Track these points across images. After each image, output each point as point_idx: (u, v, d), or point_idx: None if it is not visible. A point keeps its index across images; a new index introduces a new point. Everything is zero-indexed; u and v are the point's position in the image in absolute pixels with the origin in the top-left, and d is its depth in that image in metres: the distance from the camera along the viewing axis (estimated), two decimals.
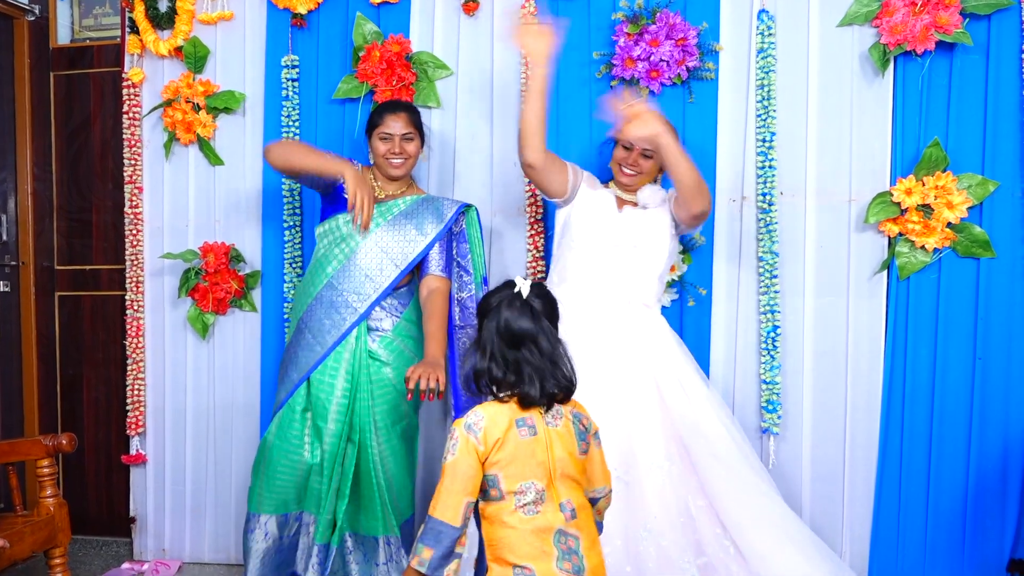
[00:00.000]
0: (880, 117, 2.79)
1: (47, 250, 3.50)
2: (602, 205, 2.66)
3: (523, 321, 1.73)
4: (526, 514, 1.70)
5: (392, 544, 2.71)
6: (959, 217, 2.69)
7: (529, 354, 1.73)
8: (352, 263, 2.68)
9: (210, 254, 3.20)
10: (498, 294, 1.79)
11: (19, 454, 2.69)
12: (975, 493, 2.77)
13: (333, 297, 2.67)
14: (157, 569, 3.24)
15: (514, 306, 1.74)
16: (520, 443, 1.71)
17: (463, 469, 1.67)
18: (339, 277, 2.68)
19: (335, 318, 2.65)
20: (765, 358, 2.85)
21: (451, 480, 1.66)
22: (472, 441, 1.68)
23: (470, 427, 1.70)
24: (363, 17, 3.07)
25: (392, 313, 2.72)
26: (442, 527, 1.65)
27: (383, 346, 2.69)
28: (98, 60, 3.44)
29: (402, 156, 2.73)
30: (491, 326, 1.75)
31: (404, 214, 2.73)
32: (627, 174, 2.65)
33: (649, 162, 2.63)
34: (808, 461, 2.87)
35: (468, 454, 1.67)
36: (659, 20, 2.84)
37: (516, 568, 1.68)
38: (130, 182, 3.31)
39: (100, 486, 3.49)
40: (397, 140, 2.72)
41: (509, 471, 1.70)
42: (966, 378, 2.76)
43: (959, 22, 2.67)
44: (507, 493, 1.70)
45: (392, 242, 2.70)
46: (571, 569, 1.70)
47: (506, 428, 1.71)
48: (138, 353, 3.32)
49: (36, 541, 2.59)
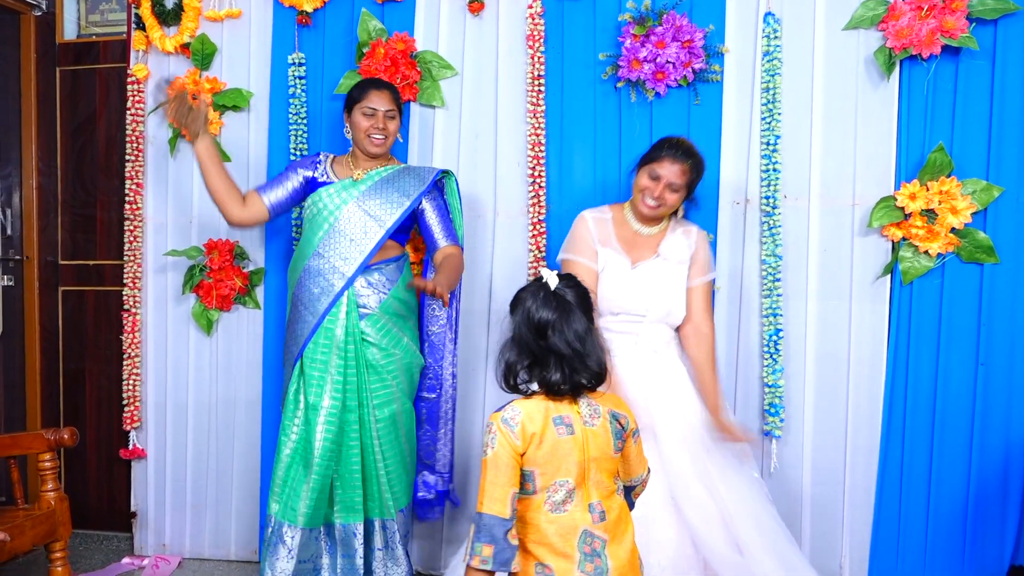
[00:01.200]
0: (885, 121, 2.79)
1: (51, 245, 3.51)
2: (614, 267, 2.57)
3: (546, 311, 1.72)
4: (554, 512, 1.71)
5: (388, 529, 2.70)
6: (963, 222, 2.69)
7: (556, 343, 1.71)
8: (336, 230, 2.68)
9: (214, 251, 3.21)
10: (527, 288, 1.79)
11: (21, 448, 2.70)
12: (976, 499, 2.77)
13: (320, 265, 2.67)
14: (157, 564, 3.25)
15: (538, 297, 1.74)
16: (558, 441, 1.70)
17: (505, 461, 1.67)
18: (325, 245, 2.68)
19: (323, 285, 2.66)
20: (767, 361, 2.85)
21: (494, 473, 1.66)
22: (510, 435, 1.68)
23: (507, 421, 1.69)
24: (368, 13, 3.08)
25: (379, 289, 2.71)
26: (494, 521, 1.64)
27: (369, 325, 2.68)
28: (104, 56, 3.44)
29: (383, 133, 2.73)
30: (517, 318, 1.75)
31: (386, 180, 2.74)
32: (649, 205, 2.54)
33: (675, 196, 2.53)
34: (809, 465, 2.87)
35: (506, 447, 1.67)
36: (665, 22, 2.84)
37: (538, 564, 1.69)
38: (130, 178, 3.31)
39: (101, 481, 3.50)
40: (380, 116, 2.72)
41: (546, 468, 1.70)
42: (968, 384, 2.76)
43: (965, 27, 2.67)
44: (540, 489, 1.71)
45: (375, 206, 2.70)
46: (593, 571, 1.69)
47: (543, 424, 1.70)
48: (134, 348, 3.32)
49: (37, 535, 2.60)
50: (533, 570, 1.69)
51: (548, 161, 3.01)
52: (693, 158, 2.54)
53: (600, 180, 2.98)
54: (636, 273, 2.57)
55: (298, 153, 3.15)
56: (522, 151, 3.02)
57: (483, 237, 3.07)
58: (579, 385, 1.73)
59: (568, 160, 3.01)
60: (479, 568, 1.65)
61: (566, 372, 1.71)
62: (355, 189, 2.71)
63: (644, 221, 2.61)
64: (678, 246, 2.61)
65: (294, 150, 3.15)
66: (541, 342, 1.72)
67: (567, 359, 1.71)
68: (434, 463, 2.94)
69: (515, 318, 1.75)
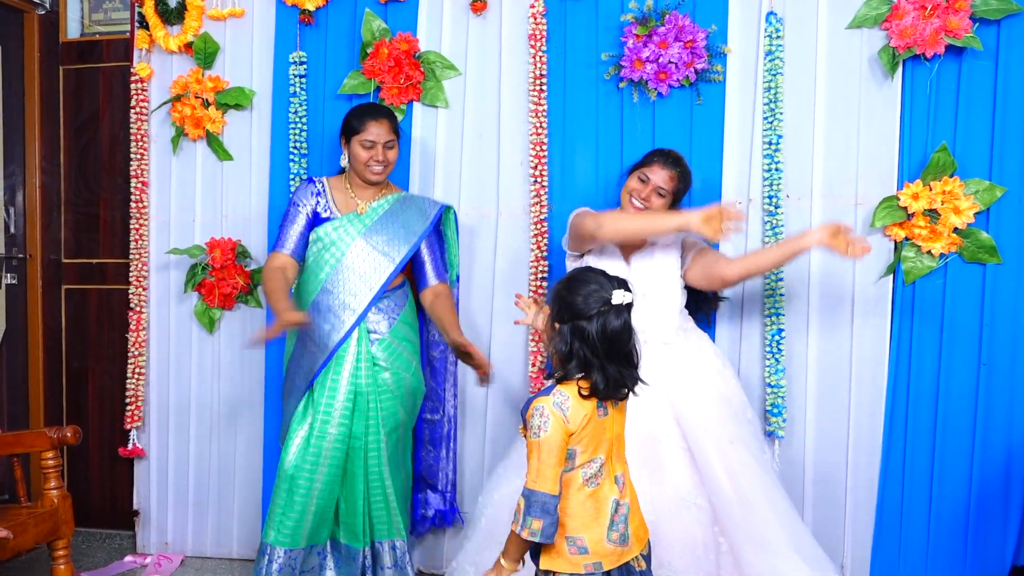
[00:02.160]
0: (888, 121, 2.79)
1: (54, 243, 3.51)
2: (608, 262, 2.60)
3: (619, 325, 1.78)
4: (589, 486, 1.82)
5: (397, 549, 2.73)
6: (966, 222, 2.69)
7: (617, 359, 1.79)
8: (343, 266, 2.68)
9: (217, 249, 3.21)
10: (588, 296, 1.78)
11: (24, 445, 2.71)
12: (978, 499, 2.77)
13: (330, 302, 2.67)
14: (160, 563, 3.25)
15: (611, 314, 1.77)
16: (598, 422, 1.81)
17: (557, 443, 1.75)
18: (333, 281, 2.68)
19: (333, 321, 2.66)
20: (770, 362, 2.85)
21: (547, 454, 1.75)
22: (562, 419, 1.76)
23: (559, 405, 1.77)
24: (372, 13, 3.08)
25: (389, 315, 2.73)
26: (546, 497, 1.74)
27: (381, 349, 2.70)
28: (107, 54, 3.45)
29: (383, 163, 2.73)
30: (592, 328, 1.77)
31: (389, 213, 2.75)
32: (635, 206, 2.60)
33: (661, 201, 2.59)
34: (811, 465, 2.87)
35: (558, 430, 1.75)
36: (668, 22, 2.84)
37: (569, 538, 1.80)
38: (135, 177, 3.31)
39: (104, 479, 3.51)
40: (380, 148, 2.71)
41: (587, 446, 1.80)
42: (970, 384, 2.76)
43: (969, 26, 2.66)
44: (577, 466, 1.81)
45: (382, 242, 2.70)
46: (618, 539, 1.83)
47: (592, 407, 1.80)
48: (139, 347, 3.33)
49: (40, 533, 2.60)
50: (565, 544, 1.80)
51: (550, 161, 3.01)
52: (681, 167, 2.62)
53: (602, 180, 2.97)
54: (631, 268, 2.63)
55: (297, 152, 3.15)
56: (524, 151, 3.02)
57: (486, 236, 3.07)
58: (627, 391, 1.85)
59: (570, 160, 3.01)
60: (527, 539, 1.76)
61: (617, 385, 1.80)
62: (360, 223, 2.71)
63: None
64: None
65: (293, 149, 3.15)
66: (607, 358, 1.78)
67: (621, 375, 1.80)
68: (436, 483, 2.99)
69: (583, 325, 1.77)
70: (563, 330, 1.80)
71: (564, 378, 1.80)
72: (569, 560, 1.80)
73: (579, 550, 1.80)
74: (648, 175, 2.59)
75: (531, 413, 1.78)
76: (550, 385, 1.82)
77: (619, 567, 1.83)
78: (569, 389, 1.79)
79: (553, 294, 1.86)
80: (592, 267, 1.93)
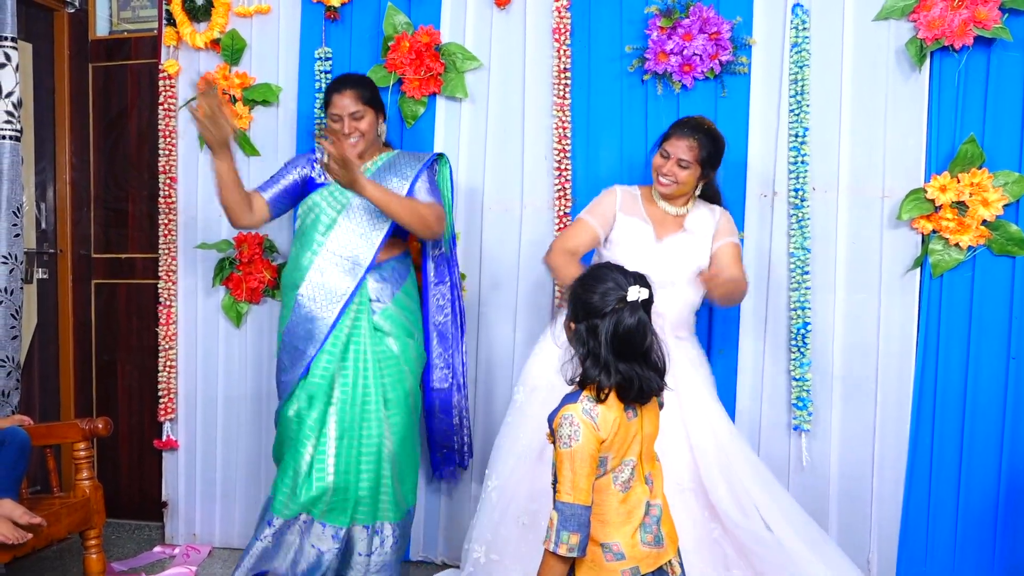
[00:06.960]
0: (915, 112, 2.77)
1: (84, 238, 3.56)
2: (639, 236, 2.60)
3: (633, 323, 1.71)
4: (621, 490, 1.75)
5: (386, 531, 2.69)
6: (994, 215, 2.66)
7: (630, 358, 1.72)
8: (342, 226, 2.68)
9: (244, 244, 3.25)
10: (605, 294, 1.72)
11: (56, 437, 2.75)
12: (1007, 495, 2.74)
13: (334, 261, 2.66)
14: (188, 553, 3.29)
15: (626, 311, 1.71)
16: (627, 425, 1.74)
17: (589, 452, 1.68)
18: (333, 242, 2.67)
19: (341, 279, 2.64)
20: (795, 355, 2.83)
21: (581, 465, 1.67)
22: (593, 427, 1.69)
23: (588, 412, 1.70)
24: (394, 8, 3.09)
25: (391, 282, 2.73)
26: (580, 510, 1.67)
27: (384, 318, 2.70)
28: (135, 52, 3.49)
29: (352, 134, 2.71)
30: (605, 327, 1.70)
31: (382, 169, 2.75)
32: (661, 183, 2.60)
33: (686, 172, 2.56)
34: (836, 459, 2.85)
35: (590, 439, 1.68)
36: (692, 14, 2.83)
37: (604, 545, 1.72)
38: (163, 172, 3.36)
39: (133, 471, 3.55)
40: (347, 120, 2.70)
41: (618, 451, 1.73)
42: (999, 377, 2.73)
43: (998, 17, 2.64)
44: (609, 471, 1.74)
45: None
46: (652, 541, 1.75)
47: (619, 412, 1.73)
48: (169, 341, 3.37)
49: (72, 522, 2.65)
50: (600, 552, 1.71)
51: (574, 154, 3.01)
52: (701, 133, 2.55)
53: (626, 173, 2.97)
54: (662, 246, 2.61)
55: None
56: (548, 144, 3.02)
57: (510, 230, 3.08)
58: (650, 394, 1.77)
59: (594, 153, 3.01)
60: (565, 556, 1.67)
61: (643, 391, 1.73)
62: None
63: (667, 200, 2.66)
64: (703, 220, 2.66)
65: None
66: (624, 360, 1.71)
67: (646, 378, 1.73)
68: (452, 447, 2.99)
69: (599, 323, 1.71)
70: (579, 329, 1.74)
71: (586, 380, 1.74)
72: (606, 568, 1.71)
73: (615, 556, 1.71)
74: (668, 149, 2.57)
75: (559, 422, 1.71)
76: (574, 392, 1.76)
77: (654, 571, 1.75)
78: (594, 393, 1.73)
79: (570, 292, 1.80)
80: (610, 263, 1.86)
